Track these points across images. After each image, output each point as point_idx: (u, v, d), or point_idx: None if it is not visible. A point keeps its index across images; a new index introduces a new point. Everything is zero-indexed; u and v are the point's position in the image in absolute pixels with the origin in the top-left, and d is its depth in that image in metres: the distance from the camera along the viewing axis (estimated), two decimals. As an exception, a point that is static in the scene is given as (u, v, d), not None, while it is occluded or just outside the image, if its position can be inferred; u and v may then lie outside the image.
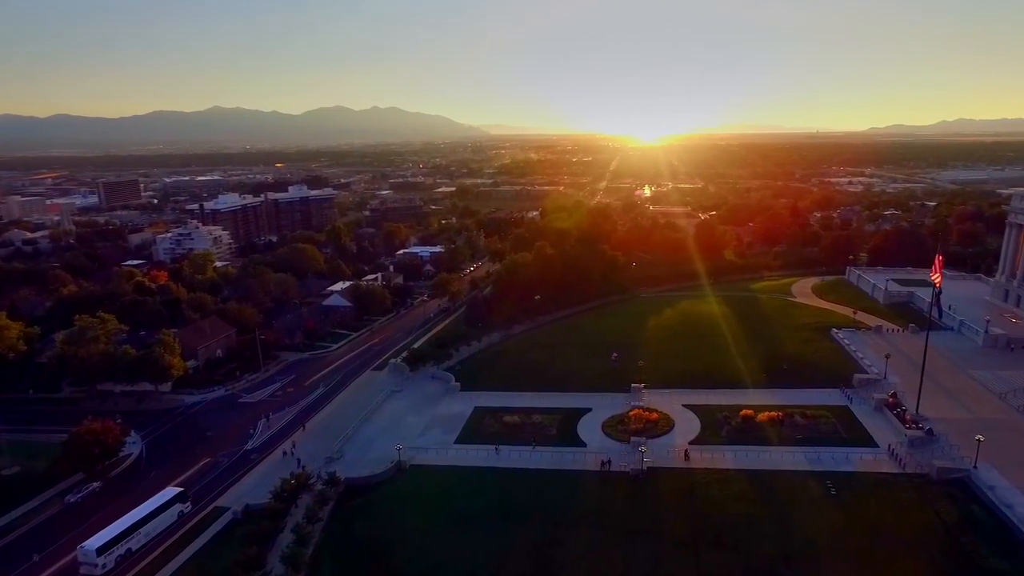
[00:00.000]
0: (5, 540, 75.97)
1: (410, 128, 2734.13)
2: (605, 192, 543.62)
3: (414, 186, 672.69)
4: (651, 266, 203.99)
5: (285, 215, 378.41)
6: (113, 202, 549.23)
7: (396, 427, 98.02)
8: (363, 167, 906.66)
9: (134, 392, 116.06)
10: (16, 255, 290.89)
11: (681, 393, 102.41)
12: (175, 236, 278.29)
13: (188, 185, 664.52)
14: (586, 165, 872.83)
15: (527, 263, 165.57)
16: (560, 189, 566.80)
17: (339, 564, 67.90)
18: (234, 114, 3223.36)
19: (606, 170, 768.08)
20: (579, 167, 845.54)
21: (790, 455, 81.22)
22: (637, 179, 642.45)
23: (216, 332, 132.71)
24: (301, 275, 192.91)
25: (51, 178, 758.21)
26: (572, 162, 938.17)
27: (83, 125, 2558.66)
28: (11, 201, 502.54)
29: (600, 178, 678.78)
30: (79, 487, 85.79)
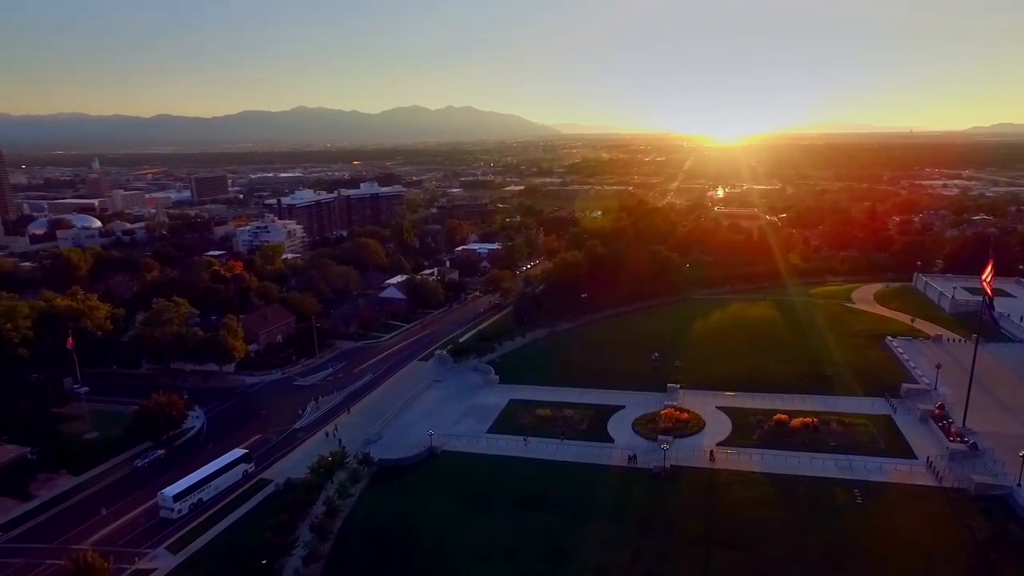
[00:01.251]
0: (82, 495, 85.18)
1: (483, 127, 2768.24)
2: (676, 193, 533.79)
3: (484, 184, 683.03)
4: (709, 268, 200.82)
5: (356, 211, 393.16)
6: (203, 196, 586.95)
7: (433, 414, 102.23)
8: (436, 165, 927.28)
9: (202, 371, 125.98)
10: (116, 244, 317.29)
11: (717, 395, 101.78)
12: (253, 229, 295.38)
13: (271, 181, 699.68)
14: (658, 165, 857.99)
15: (577, 261, 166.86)
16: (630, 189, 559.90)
17: (364, 537, 72.36)
18: (317, 114, 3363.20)
19: (679, 170, 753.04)
20: (651, 167, 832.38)
21: (819, 461, 79.69)
22: (710, 180, 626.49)
23: (277, 319, 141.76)
24: (363, 268, 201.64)
25: (151, 174, 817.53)
26: (644, 162, 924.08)
27: (182, 124, 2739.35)
28: (115, 195, 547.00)
29: (672, 178, 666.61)
30: (146, 453, 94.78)
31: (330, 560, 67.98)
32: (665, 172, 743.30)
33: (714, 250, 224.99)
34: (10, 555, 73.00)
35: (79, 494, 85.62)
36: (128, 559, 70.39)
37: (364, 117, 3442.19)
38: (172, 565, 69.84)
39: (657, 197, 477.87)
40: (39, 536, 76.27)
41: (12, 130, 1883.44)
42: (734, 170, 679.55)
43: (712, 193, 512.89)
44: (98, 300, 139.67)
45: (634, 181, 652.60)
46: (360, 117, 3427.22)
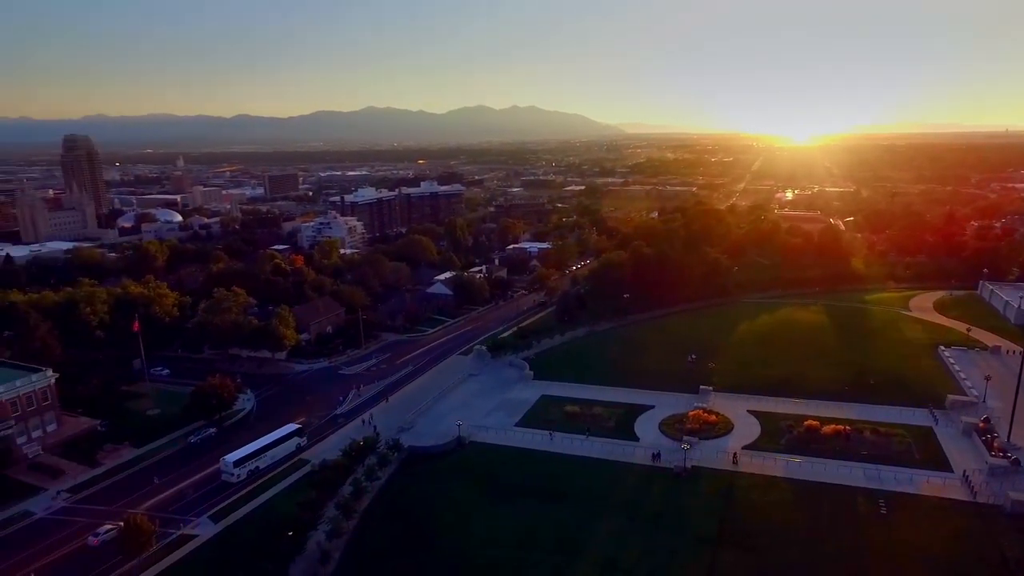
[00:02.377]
0: (140, 466, 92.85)
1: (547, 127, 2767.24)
2: (743, 194, 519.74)
3: (545, 184, 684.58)
4: (764, 271, 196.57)
5: (416, 208, 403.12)
6: (275, 193, 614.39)
7: (466, 406, 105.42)
8: (498, 165, 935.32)
9: (256, 357, 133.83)
10: (193, 237, 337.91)
11: (750, 398, 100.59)
12: (317, 225, 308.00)
13: (339, 179, 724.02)
14: (725, 166, 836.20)
15: (621, 261, 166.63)
16: (693, 190, 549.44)
17: (387, 517, 76.19)
18: (385, 113, 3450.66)
19: (747, 171, 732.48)
20: (718, 168, 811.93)
21: (847, 469, 78.11)
22: (780, 181, 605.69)
23: (328, 310, 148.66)
24: (415, 264, 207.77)
25: (229, 171, 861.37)
26: (711, 162, 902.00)
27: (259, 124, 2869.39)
28: (195, 191, 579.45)
29: (739, 179, 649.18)
30: (199, 431, 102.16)
31: (353, 536, 72.07)
32: (732, 173, 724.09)
33: (771, 253, 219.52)
34: (75, 514, 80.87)
35: (138, 464, 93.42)
36: (174, 524, 76.72)
37: (431, 117, 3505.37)
38: (212, 533, 75.63)
39: (722, 198, 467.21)
40: (101, 499, 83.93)
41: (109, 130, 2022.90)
42: (807, 171, 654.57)
43: (780, 195, 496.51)
44: (168, 289, 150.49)
45: (698, 182, 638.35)
46: (427, 117, 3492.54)
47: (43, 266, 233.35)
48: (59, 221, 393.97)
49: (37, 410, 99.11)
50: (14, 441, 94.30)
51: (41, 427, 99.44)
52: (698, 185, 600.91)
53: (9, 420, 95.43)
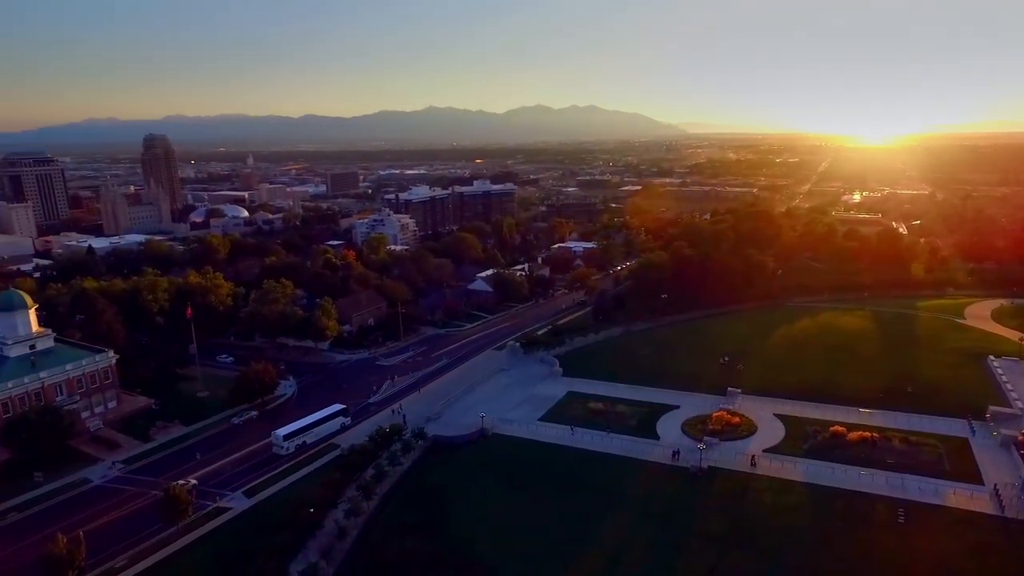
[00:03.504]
0: (187, 443, 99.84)
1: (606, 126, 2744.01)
2: (806, 196, 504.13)
3: (600, 184, 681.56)
4: (813, 274, 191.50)
5: (469, 207, 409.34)
6: (337, 191, 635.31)
7: (494, 399, 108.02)
8: (555, 164, 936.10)
9: (301, 346, 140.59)
10: (257, 232, 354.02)
11: (777, 402, 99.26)
12: (370, 221, 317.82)
13: (398, 178, 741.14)
14: (790, 167, 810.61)
15: (662, 262, 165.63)
16: (754, 192, 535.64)
17: (405, 500, 79.67)
18: (446, 113, 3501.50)
19: (812, 172, 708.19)
20: (781, 169, 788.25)
21: (869, 477, 76.38)
22: (847, 183, 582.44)
23: (370, 304, 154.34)
24: (460, 261, 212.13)
25: (295, 169, 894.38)
26: (775, 163, 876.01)
27: (325, 124, 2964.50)
28: (262, 188, 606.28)
29: (804, 181, 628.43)
30: (242, 413, 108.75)
31: (371, 517, 75.71)
32: (797, 174, 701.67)
33: (826, 257, 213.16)
34: (126, 483, 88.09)
35: (186, 441, 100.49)
36: (211, 497, 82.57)
37: (490, 116, 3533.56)
38: (244, 507, 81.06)
39: (783, 200, 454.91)
40: (150, 471, 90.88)
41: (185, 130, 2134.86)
42: (879, 173, 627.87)
43: (847, 197, 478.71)
44: (224, 280, 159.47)
45: (759, 183, 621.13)
46: (486, 116, 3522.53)
47: (120, 257, 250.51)
48: (137, 215, 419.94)
49: (100, 388, 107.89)
50: (79, 415, 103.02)
51: (103, 403, 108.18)
52: (759, 186, 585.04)
53: (75, 396, 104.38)
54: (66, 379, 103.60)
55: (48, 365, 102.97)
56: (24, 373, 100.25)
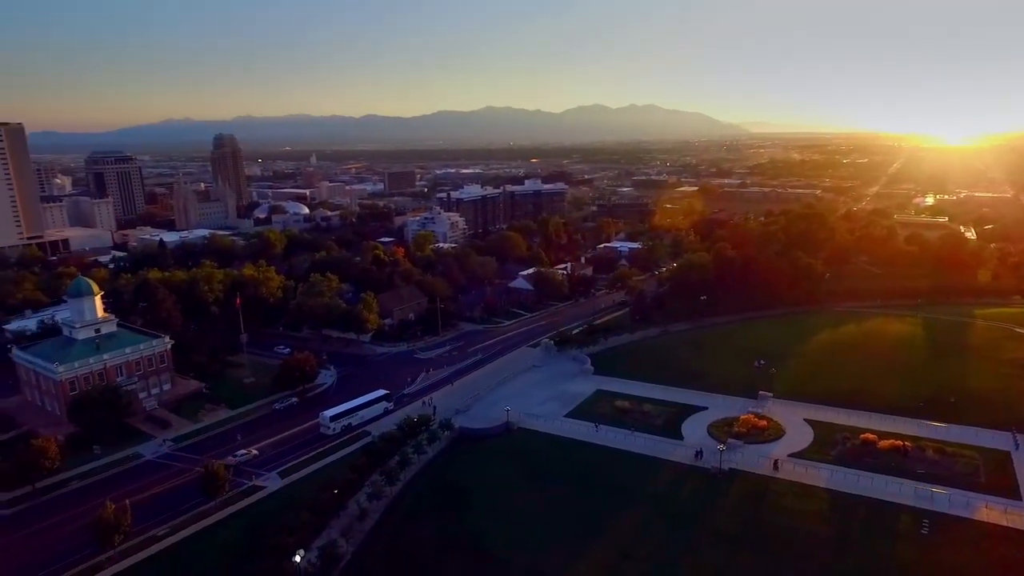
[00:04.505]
0: (229, 425, 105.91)
1: (666, 126, 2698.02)
2: (874, 198, 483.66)
3: (656, 184, 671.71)
4: (866, 278, 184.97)
5: (519, 206, 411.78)
6: (394, 189, 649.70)
7: (523, 395, 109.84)
8: (611, 164, 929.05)
9: (344, 338, 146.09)
10: (315, 228, 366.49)
11: (809, 407, 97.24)
12: (422, 219, 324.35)
13: (453, 177, 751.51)
14: (858, 167, 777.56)
15: (704, 263, 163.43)
16: (816, 193, 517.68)
17: (427, 487, 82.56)
18: (503, 113, 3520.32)
19: (882, 174, 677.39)
20: (848, 169, 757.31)
21: (896, 486, 74.37)
22: (920, 185, 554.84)
23: (411, 299, 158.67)
24: (504, 259, 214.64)
25: (355, 168, 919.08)
26: (842, 164, 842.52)
27: (385, 124, 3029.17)
28: (322, 186, 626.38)
29: (872, 182, 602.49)
30: (283, 399, 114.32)
31: (392, 501, 78.92)
32: (865, 176, 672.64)
33: (883, 261, 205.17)
34: (174, 460, 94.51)
35: (231, 423, 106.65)
36: (248, 476, 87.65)
37: (547, 116, 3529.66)
38: (277, 486, 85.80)
39: (849, 202, 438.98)
40: (196, 449, 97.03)
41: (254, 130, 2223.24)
42: (957, 174, 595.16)
43: (919, 199, 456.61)
44: (276, 273, 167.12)
45: (823, 185, 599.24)
46: (544, 116, 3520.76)
47: (186, 250, 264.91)
48: (206, 211, 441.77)
49: (156, 371, 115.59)
50: (136, 395, 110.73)
51: (158, 385, 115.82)
52: (823, 188, 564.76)
53: (134, 377, 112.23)
54: (126, 361, 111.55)
55: (110, 348, 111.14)
56: (89, 355, 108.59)
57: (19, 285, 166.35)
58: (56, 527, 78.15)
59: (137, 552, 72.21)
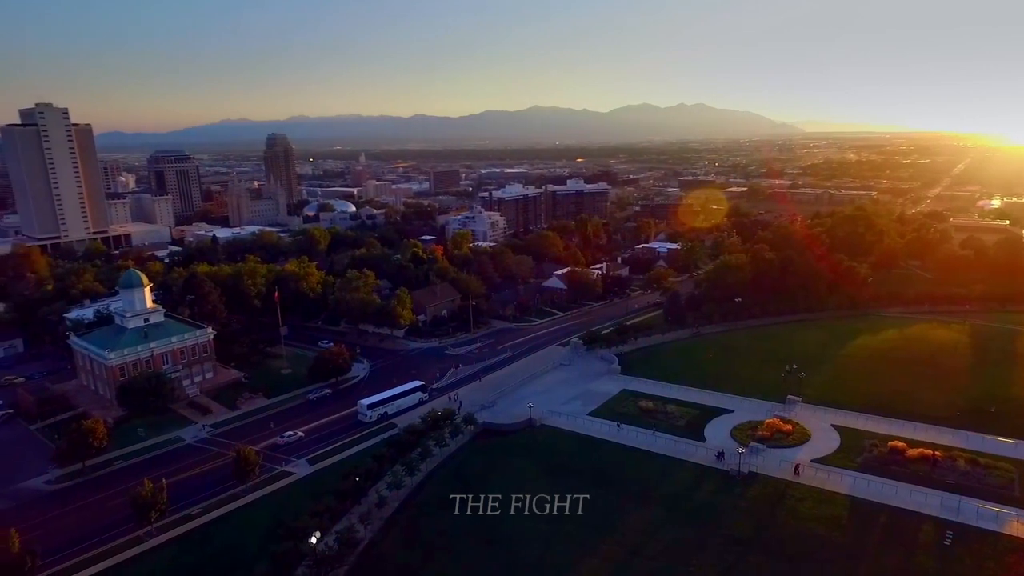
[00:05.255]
0: (265, 413, 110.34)
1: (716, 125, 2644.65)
2: (935, 200, 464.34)
3: (703, 184, 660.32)
4: (914, 283, 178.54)
5: (561, 205, 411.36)
6: (439, 188, 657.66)
7: (548, 392, 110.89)
8: (657, 164, 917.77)
9: (379, 333, 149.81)
10: (360, 226, 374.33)
11: (838, 413, 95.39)
12: (462, 218, 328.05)
13: (498, 176, 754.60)
14: (919, 168, 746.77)
15: (740, 265, 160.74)
16: (873, 195, 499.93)
17: (446, 478, 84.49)
18: (549, 112, 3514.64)
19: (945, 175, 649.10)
20: (908, 170, 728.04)
21: (922, 496, 72.47)
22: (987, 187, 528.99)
23: (445, 296, 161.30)
24: (540, 259, 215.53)
25: (402, 167, 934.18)
26: (901, 164, 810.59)
27: (433, 123, 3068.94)
28: (369, 184, 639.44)
29: (933, 184, 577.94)
30: (316, 390, 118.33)
31: (412, 491, 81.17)
32: (926, 177, 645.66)
33: (934, 265, 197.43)
34: (212, 444, 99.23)
35: (266, 412, 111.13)
36: (278, 461, 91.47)
37: (594, 115, 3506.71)
38: (306, 472, 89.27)
39: (907, 204, 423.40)
40: (232, 435, 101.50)
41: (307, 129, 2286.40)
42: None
43: (984, 202, 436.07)
44: (316, 268, 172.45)
45: (880, 186, 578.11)
46: (590, 115, 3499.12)
47: (238, 246, 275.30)
48: (257, 208, 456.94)
49: (199, 360, 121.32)
50: (180, 382, 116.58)
51: (201, 373, 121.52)
52: (880, 190, 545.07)
53: (178, 365, 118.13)
54: (171, 350, 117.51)
55: (157, 337, 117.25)
56: (138, 343, 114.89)
57: (80, 276, 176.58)
58: (102, 502, 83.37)
59: (172, 529, 76.59)
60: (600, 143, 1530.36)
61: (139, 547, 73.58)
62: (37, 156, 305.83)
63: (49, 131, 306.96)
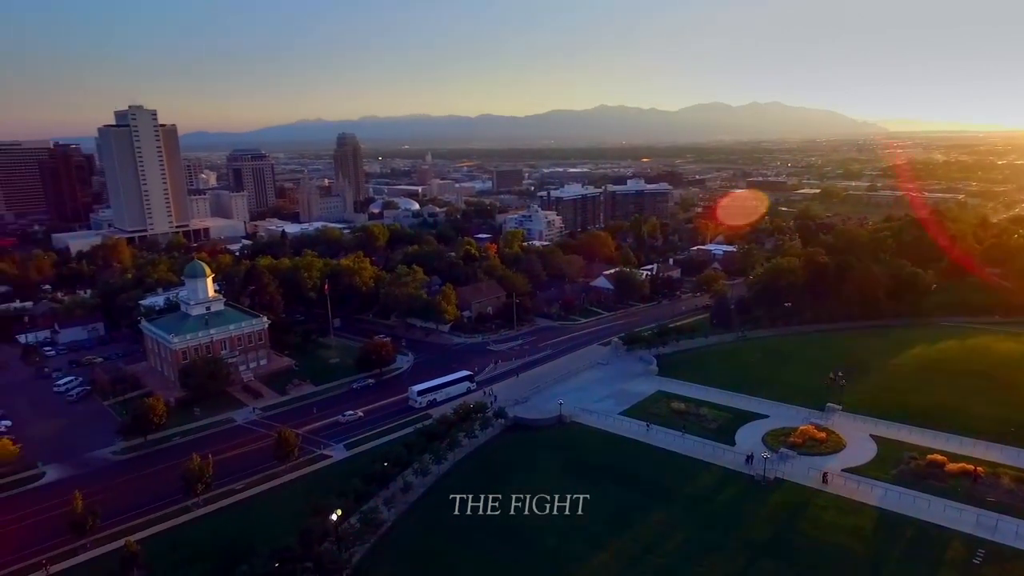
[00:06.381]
0: (312, 400, 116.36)
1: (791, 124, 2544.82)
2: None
3: (773, 186, 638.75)
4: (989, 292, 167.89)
5: (620, 205, 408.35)
6: (501, 187, 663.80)
7: (582, 391, 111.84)
8: (726, 164, 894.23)
9: (426, 328, 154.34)
10: (422, 224, 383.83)
11: (879, 423, 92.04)
12: (519, 218, 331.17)
13: (561, 175, 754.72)
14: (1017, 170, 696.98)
15: (792, 269, 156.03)
16: (960, 198, 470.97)
17: (472, 468, 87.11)
18: (617, 112, 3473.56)
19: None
20: (1003, 172, 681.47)
21: (956, 512, 69.49)
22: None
23: (490, 293, 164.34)
24: (591, 258, 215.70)
25: (466, 166, 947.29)
26: (996, 165, 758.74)
27: (499, 123, 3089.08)
28: (433, 183, 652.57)
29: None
30: (360, 379, 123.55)
31: (438, 478, 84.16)
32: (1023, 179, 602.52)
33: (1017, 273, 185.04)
34: (260, 426, 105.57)
35: (313, 398, 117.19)
36: (317, 445, 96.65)
37: (663, 115, 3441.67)
38: (342, 456, 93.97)
39: (998, 208, 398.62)
40: (279, 418, 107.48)
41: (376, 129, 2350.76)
42: None
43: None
44: (371, 264, 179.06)
45: (969, 188, 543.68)
46: (659, 115, 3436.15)
47: (303, 241, 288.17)
48: (326, 205, 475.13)
49: (254, 347, 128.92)
50: (236, 367, 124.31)
51: (256, 360, 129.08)
52: (967, 193, 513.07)
53: (235, 351, 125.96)
54: (229, 337, 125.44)
55: (217, 324, 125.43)
56: (199, 329, 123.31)
57: (155, 267, 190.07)
58: (158, 473, 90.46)
59: (217, 501, 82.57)
60: (668, 143, 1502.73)
61: (186, 515, 79.84)
62: (128, 154, 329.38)
63: (139, 131, 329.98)
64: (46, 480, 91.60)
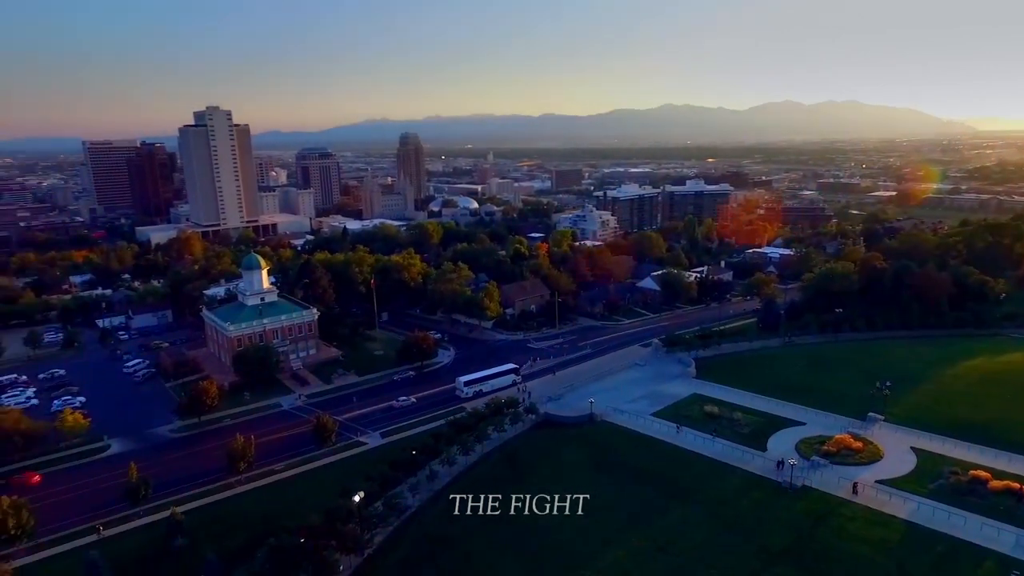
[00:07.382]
0: (354, 389, 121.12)
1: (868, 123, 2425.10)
2: None
3: (845, 187, 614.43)
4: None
5: (678, 206, 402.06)
6: (560, 187, 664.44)
7: (616, 391, 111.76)
8: (796, 165, 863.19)
9: (469, 324, 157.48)
10: (479, 222, 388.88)
11: (922, 435, 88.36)
12: (573, 217, 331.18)
13: (622, 175, 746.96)
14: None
15: (846, 273, 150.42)
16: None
17: (499, 461, 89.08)
18: (683, 111, 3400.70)
19: None
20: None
21: (994, 530, 66.28)
22: None
23: (534, 291, 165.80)
24: (641, 259, 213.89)
25: (527, 166, 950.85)
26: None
27: (561, 122, 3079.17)
28: (492, 182, 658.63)
29: None
30: (402, 371, 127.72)
31: (464, 469, 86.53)
32: None
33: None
34: (305, 412, 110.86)
35: (356, 388, 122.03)
36: (354, 431, 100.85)
37: (730, 114, 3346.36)
38: (376, 444, 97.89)
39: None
40: (323, 405, 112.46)
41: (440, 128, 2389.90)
42: None
43: None
44: (420, 260, 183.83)
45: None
46: (726, 114, 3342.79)
47: (363, 237, 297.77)
48: (387, 202, 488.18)
49: (304, 337, 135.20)
50: (286, 356, 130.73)
51: (305, 350, 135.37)
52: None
53: (286, 340, 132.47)
54: (280, 327, 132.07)
55: (270, 314, 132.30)
56: (254, 318, 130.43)
57: (220, 259, 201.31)
58: (208, 452, 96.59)
59: (258, 480, 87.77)
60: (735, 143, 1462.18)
61: (229, 491, 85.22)
62: (204, 153, 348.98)
63: (215, 131, 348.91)
64: (110, 452, 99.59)
